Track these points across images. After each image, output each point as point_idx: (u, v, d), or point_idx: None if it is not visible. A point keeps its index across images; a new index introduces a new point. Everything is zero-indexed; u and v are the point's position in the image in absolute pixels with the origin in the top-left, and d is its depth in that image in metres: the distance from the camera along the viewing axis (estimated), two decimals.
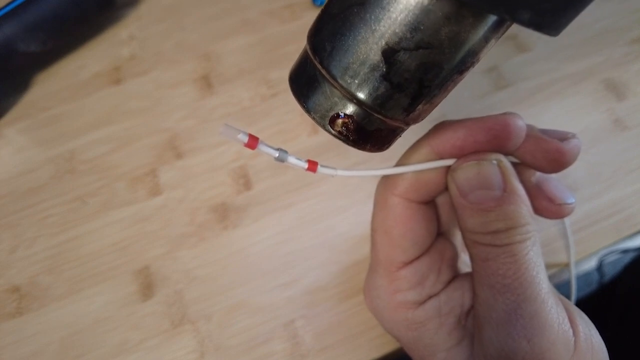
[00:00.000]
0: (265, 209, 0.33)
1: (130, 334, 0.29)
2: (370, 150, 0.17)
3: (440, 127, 0.18)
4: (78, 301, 0.31)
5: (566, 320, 0.16)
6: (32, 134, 0.37)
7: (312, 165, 0.17)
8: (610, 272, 0.49)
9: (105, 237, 0.32)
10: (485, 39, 0.14)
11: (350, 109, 0.15)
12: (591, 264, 0.31)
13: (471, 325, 0.19)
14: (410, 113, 0.15)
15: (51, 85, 0.39)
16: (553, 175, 0.19)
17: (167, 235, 0.32)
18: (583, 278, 0.31)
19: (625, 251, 0.32)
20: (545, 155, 0.17)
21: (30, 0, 0.36)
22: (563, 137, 0.17)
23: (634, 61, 0.37)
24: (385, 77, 0.14)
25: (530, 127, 0.18)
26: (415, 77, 0.14)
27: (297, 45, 0.39)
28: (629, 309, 0.41)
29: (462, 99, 0.36)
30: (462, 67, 0.14)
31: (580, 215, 0.31)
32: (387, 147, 0.17)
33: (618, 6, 0.39)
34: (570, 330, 0.16)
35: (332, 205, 0.33)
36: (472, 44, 0.14)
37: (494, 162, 0.17)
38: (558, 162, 0.17)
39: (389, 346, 0.28)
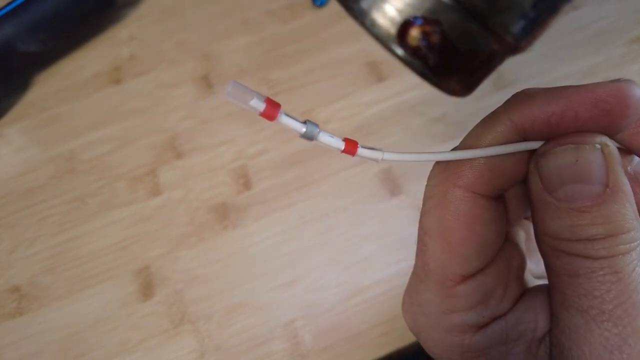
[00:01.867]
0: (265, 209, 0.33)
1: (130, 334, 0.29)
2: (453, 90, 0.12)
3: (524, 97, 0.14)
4: (78, 301, 0.31)
5: None
6: (32, 134, 0.37)
7: (351, 147, 0.13)
8: None
9: (105, 237, 0.32)
10: None
11: (436, 9, 0.10)
12: None
13: (545, 354, 0.15)
14: (529, 23, 0.10)
15: (51, 85, 0.39)
16: None
17: (167, 235, 0.32)
18: None
19: None
20: None
21: (30, 0, 0.36)
22: None
23: (633, 61, 0.37)
24: None
25: None
26: None
27: (297, 45, 0.39)
28: None
29: (462, 99, 0.36)
30: None
31: None
32: (474, 89, 0.12)
33: (618, 6, 0.39)
34: None
35: (332, 205, 0.33)
36: None
37: (598, 146, 0.13)
38: None
39: (390, 346, 0.28)
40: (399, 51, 0.10)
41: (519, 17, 0.10)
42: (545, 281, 0.15)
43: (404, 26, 0.10)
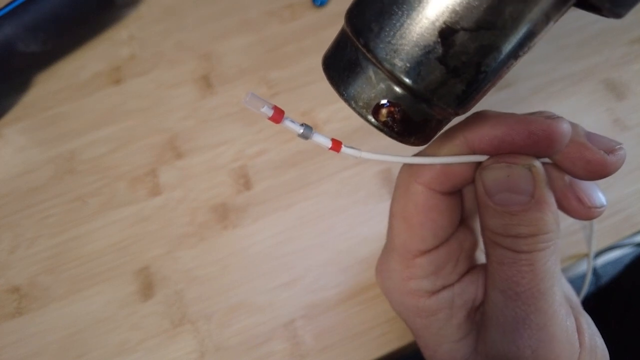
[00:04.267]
0: (265, 209, 0.33)
1: (130, 334, 0.29)
2: (413, 144, 0.15)
3: (478, 119, 0.17)
4: (78, 301, 0.31)
5: (574, 332, 0.16)
6: (32, 134, 0.37)
7: (336, 145, 0.16)
8: (610, 272, 0.49)
9: (105, 237, 0.32)
10: (547, 19, 0.13)
11: (397, 96, 0.14)
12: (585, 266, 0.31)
13: (479, 320, 0.19)
14: (462, 101, 0.14)
15: (51, 85, 0.39)
16: None
17: (167, 235, 0.32)
18: (579, 280, 0.31)
19: (619, 246, 0.32)
20: (586, 165, 0.16)
21: (30, 0, 0.36)
22: (609, 148, 0.16)
23: (634, 61, 0.37)
24: (441, 60, 0.13)
25: (575, 130, 0.16)
26: (473, 61, 0.13)
27: (297, 45, 0.39)
28: (629, 309, 0.41)
29: None
30: (520, 52, 0.13)
31: None
32: (430, 141, 0.16)
33: None
34: (577, 342, 0.16)
35: (332, 205, 0.33)
36: (535, 24, 0.13)
37: (526, 167, 0.16)
38: (598, 173, 0.16)
39: (389, 346, 0.28)
40: (374, 122, 0.15)
41: (454, 99, 0.14)
42: None
43: (376, 107, 0.14)
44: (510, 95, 0.36)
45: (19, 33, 0.35)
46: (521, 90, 0.36)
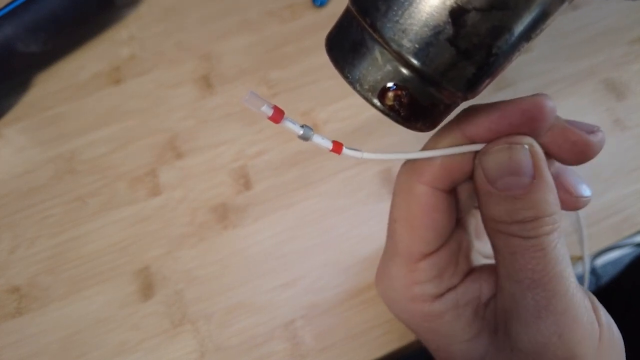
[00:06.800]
0: (265, 209, 0.33)
1: (130, 334, 0.29)
2: (420, 129, 0.15)
3: (471, 111, 0.17)
4: (78, 301, 0.31)
5: (592, 313, 0.16)
6: (32, 134, 0.37)
7: (337, 147, 0.16)
8: (610, 272, 0.49)
9: (105, 237, 0.32)
10: None
11: (405, 79, 0.14)
12: (586, 266, 0.32)
13: (490, 316, 0.19)
14: (472, 85, 0.14)
15: (51, 85, 0.39)
16: (571, 167, 0.18)
17: (167, 235, 0.32)
18: (578, 281, 0.31)
19: (619, 246, 0.32)
20: (572, 147, 0.17)
21: (30, 0, 0.36)
22: (589, 129, 0.17)
23: (634, 61, 0.37)
24: (451, 41, 0.13)
25: (556, 117, 0.17)
26: (485, 43, 0.13)
27: (297, 45, 0.39)
28: (629, 309, 0.41)
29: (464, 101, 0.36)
30: (532, 34, 0.13)
31: (579, 215, 0.31)
32: (437, 126, 0.16)
33: (618, 6, 0.39)
34: (596, 323, 0.16)
35: (332, 205, 0.33)
36: (549, 4, 0.13)
37: (526, 146, 0.16)
38: (583, 154, 0.17)
39: (390, 346, 0.28)
40: (380, 106, 0.14)
41: (464, 82, 0.13)
42: (490, 261, 0.20)
43: (383, 91, 0.14)
44: (510, 95, 0.36)
45: (19, 33, 0.35)
46: (521, 90, 0.36)
